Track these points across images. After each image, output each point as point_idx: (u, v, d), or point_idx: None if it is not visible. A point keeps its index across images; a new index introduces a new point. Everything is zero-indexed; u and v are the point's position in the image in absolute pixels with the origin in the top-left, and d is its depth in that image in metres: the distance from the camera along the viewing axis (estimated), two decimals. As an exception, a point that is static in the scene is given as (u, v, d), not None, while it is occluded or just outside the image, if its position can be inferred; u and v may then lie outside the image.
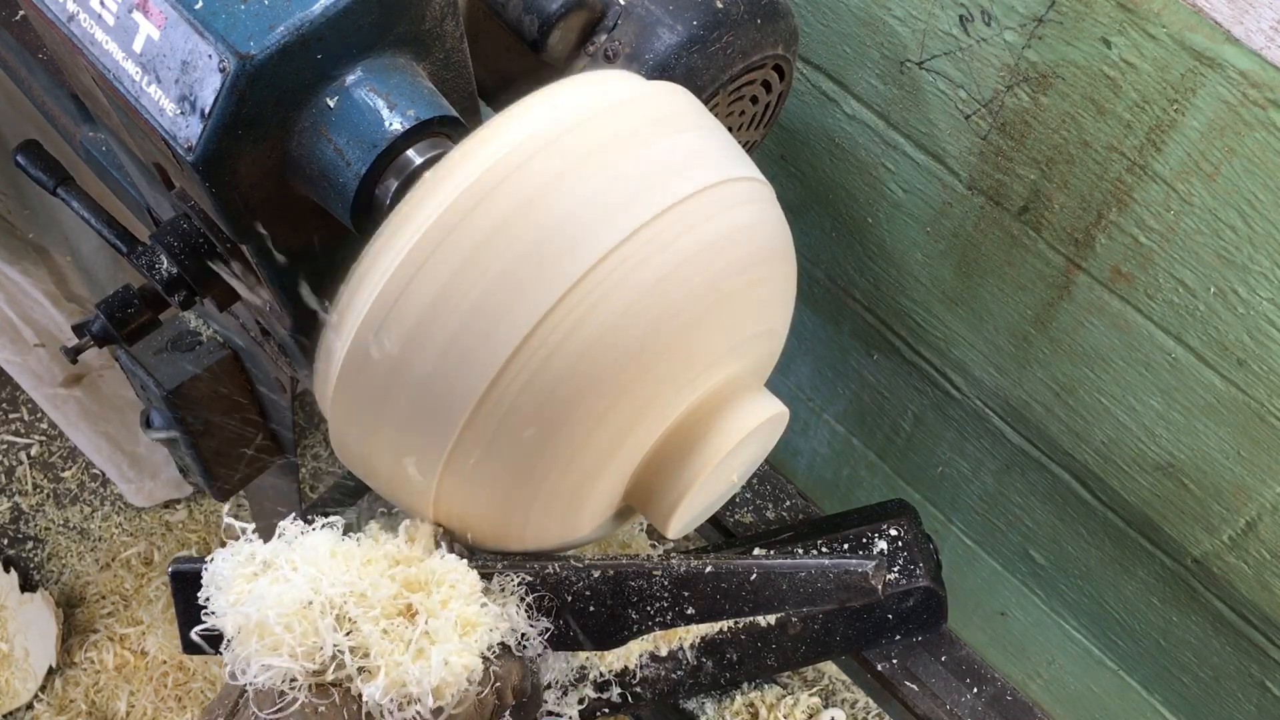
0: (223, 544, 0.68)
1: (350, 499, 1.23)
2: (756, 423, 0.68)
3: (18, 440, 2.13)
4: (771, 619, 0.83)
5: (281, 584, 0.63)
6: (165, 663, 1.94)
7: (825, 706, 0.88)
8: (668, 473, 0.67)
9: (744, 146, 0.85)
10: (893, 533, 0.87)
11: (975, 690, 0.90)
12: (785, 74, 0.82)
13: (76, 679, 1.91)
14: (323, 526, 0.68)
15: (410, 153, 0.59)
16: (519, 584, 0.69)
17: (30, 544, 2.05)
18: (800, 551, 0.88)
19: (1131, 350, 0.87)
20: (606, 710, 0.83)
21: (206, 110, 0.55)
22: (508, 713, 0.68)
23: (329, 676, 0.62)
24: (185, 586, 0.69)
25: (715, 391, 0.67)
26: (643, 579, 0.69)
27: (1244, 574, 0.93)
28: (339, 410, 0.64)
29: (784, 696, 0.87)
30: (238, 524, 0.68)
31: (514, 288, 0.57)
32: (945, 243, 0.95)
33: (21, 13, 1.02)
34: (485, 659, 0.66)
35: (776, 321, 0.71)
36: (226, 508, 0.94)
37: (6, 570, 1.95)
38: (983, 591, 1.30)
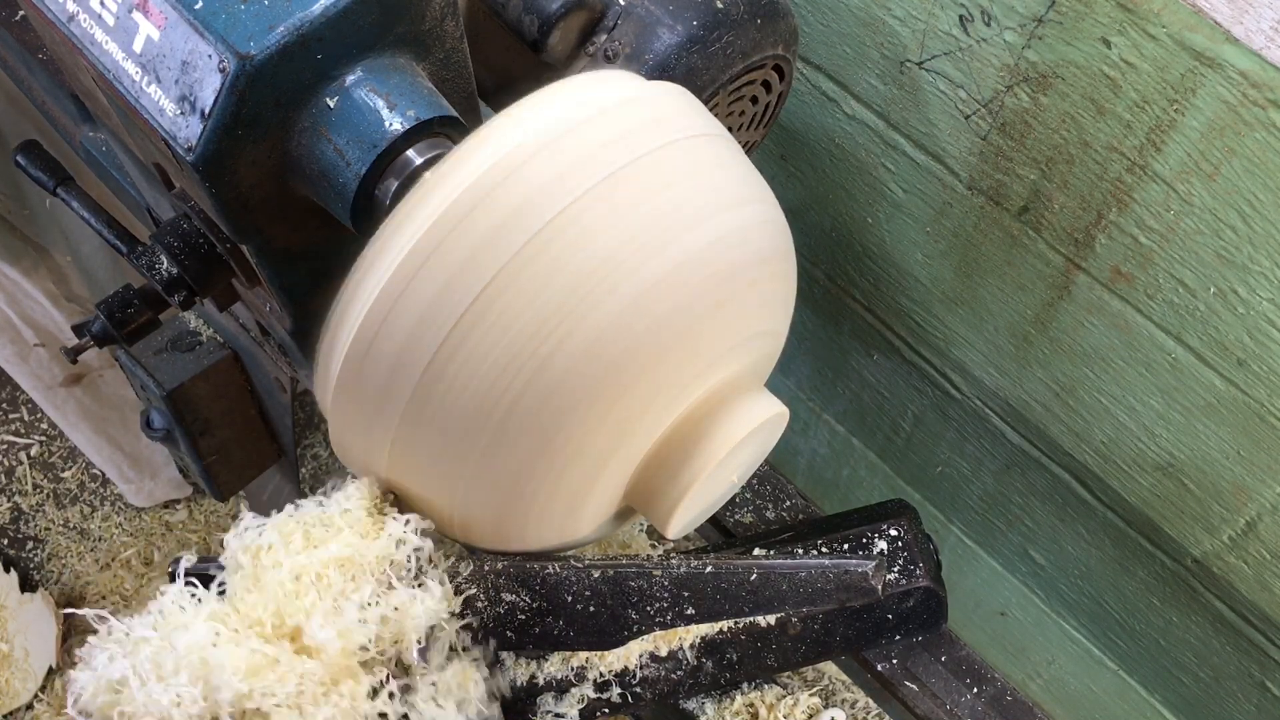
0: (222, 546, 0.68)
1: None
2: (756, 423, 0.68)
3: (18, 440, 2.13)
4: (771, 619, 0.83)
5: None
6: (165, 663, 1.93)
7: (825, 706, 0.88)
8: (668, 473, 0.67)
9: (744, 146, 0.85)
10: (893, 533, 0.87)
11: (975, 690, 0.90)
12: (785, 74, 0.82)
13: (76, 679, 1.91)
14: (194, 599, 0.64)
15: (410, 153, 0.59)
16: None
17: (30, 544, 2.05)
18: (800, 551, 0.88)
19: (1131, 350, 0.87)
20: (606, 710, 0.83)
21: (206, 110, 0.55)
22: None
23: None
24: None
25: (715, 392, 0.67)
26: (643, 579, 0.69)
27: (1244, 574, 0.93)
28: (339, 410, 0.64)
29: (784, 696, 0.87)
30: (108, 617, 0.64)
31: (513, 287, 0.57)
32: (945, 243, 0.95)
33: (21, 13, 1.02)
34: None
35: (776, 321, 0.71)
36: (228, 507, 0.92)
37: (6, 570, 1.95)
38: (983, 591, 1.30)
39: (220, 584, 0.66)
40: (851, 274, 1.09)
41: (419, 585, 0.67)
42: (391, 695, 0.65)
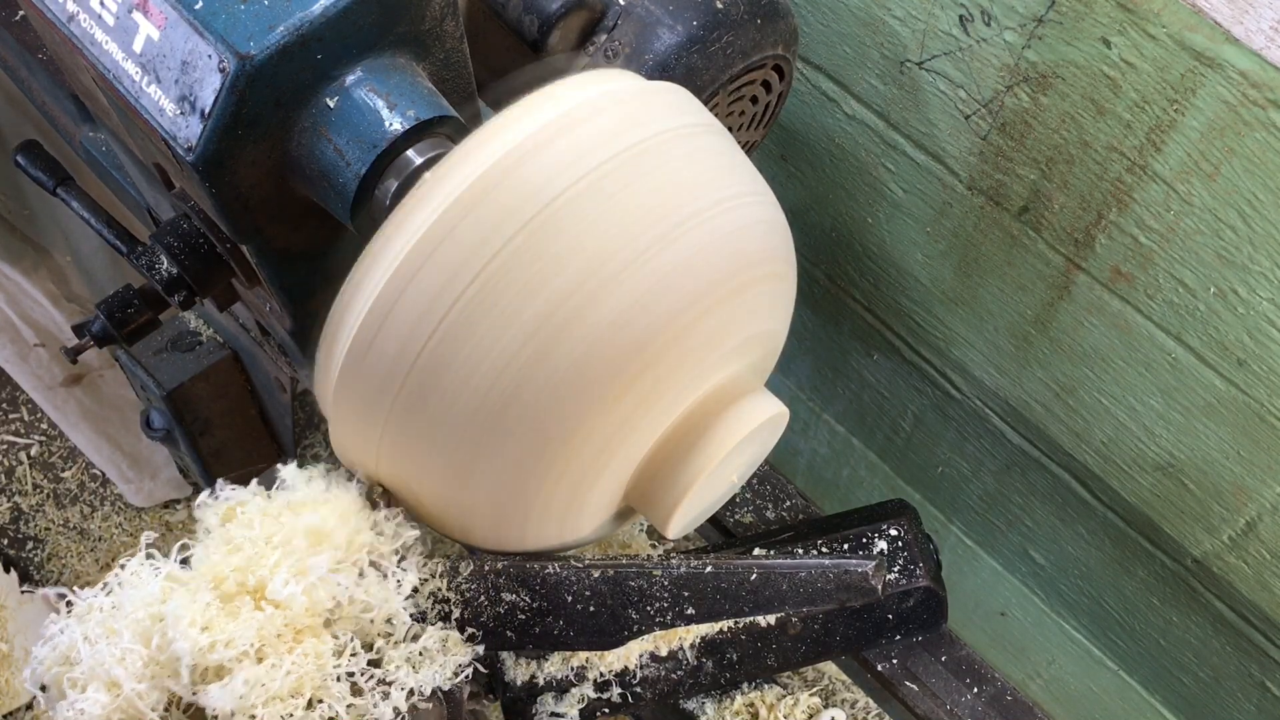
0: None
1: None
2: (756, 423, 0.68)
3: (18, 440, 2.13)
4: (771, 619, 0.83)
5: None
6: (165, 663, 1.93)
7: (825, 706, 0.88)
8: (668, 473, 0.67)
9: (744, 146, 0.85)
10: (893, 533, 0.87)
11: (975, 690, 0.90)
12: (785, 74, 0.82)
13: (76, 679, 1.91)
14: (154, 570, 0.63)
15: (410, 153, 0.59)
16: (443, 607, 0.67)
17: (30, 544, 2.05)
18: (800, 551, 0.88)
19: (1131, 350, 0.87)
20: (606, 710, 0.82)
21: (206, 110, 0.55)
22: None
23: None
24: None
25: (715, 391, 0.67)
26: (643, 579, 0.69)
27: (1244, 574, 0.93)
28: (339, 410, 0.64)
29: (784, 696, 0.87)
30: (67, 593, 0.63)
31: (512, 287, 0.57)
32: (945, 243, 0.95)
33: (21, 13, 1.02)
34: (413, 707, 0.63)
35: (776, 321, 0.71)
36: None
37: (6, 570, 1.95)
38: (983, 591, 1.30)
39: (182, 555, 0.65)
40: (851, 274, 1.09)
41: (394, 575, 0.66)
42: (354, 654, 0.63)
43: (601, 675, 0.81)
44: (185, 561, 0.65)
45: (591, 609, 0.69)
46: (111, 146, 0.98)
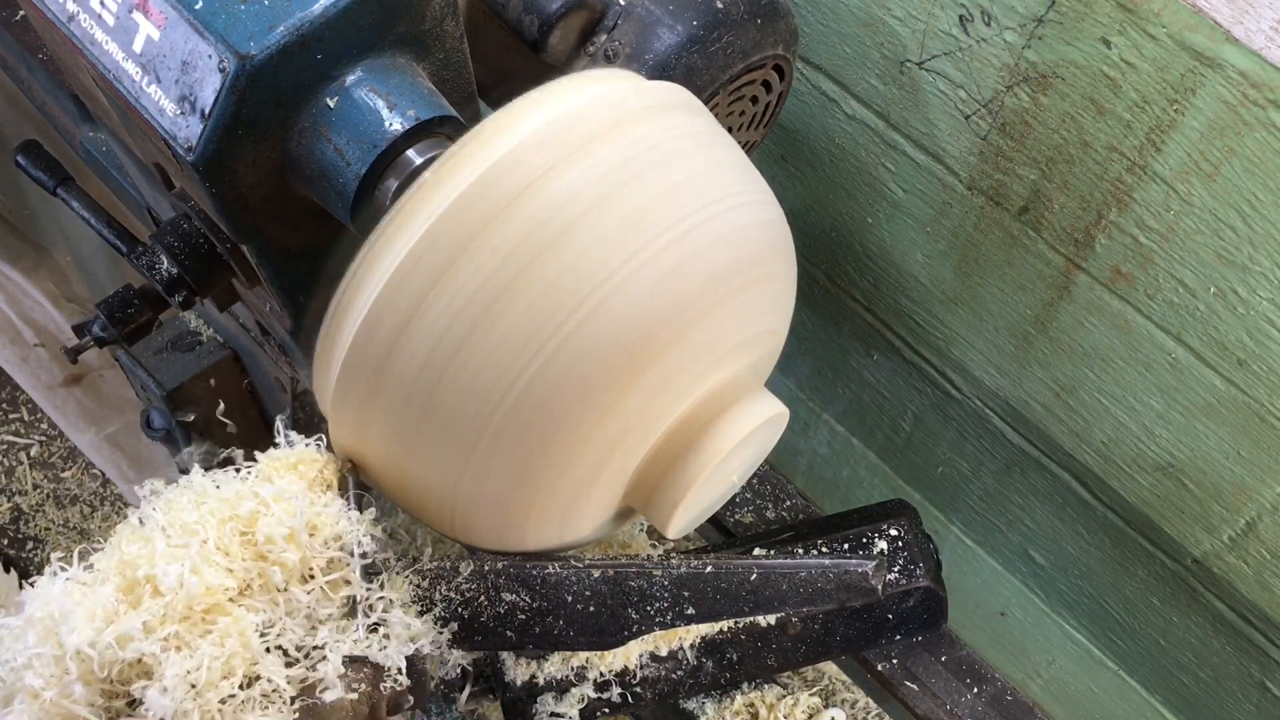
0: None
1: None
2: (756, 423, 0.68)
3: (18, 440, 2.13)
4: (771, 619, 0.83)
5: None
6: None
7: (825, 706, 0.88)
8: (668, 473, 0.67)
9: (744, 146, 0.85)
10: (893, 533, 0.87)
11: (975, 690, 0.90)
12: (785, 74, 0.82)
13: (76, 679, 1.90)
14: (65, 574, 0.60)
15: (410, 153, 0.59)
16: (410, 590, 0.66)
17: (30, 544, 2.05)
18: (800, 551, 0.88)
19: (1131, 350, 0.87)
20: (606, 710, 0.83)
21: (206, 110, 0.55)
22: None
23: None
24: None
25: (715, 392, 0.67)
26: (643, 579, 0.69)
27: (1244, 574, 0.93)
28: (338, 410, 0.64)
29: (784, 696, 0.87)
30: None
31: (513, 287, 0.57)
32: (945, 243, 0.95)
33: (21, 13, 1.02)
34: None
35: (776, 321, 0.71)
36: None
37: (6, 570, 1.95)
38: (983, 591, 1.30)
39: (85, 562, 0.63)
40: (851, 274, 1.09)
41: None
42: (282, 632, 0.61)
43: (601, 675, 0.81)
44: (90, 567, 0.63)
45: (591, 609, 0.69)
46: (111, 146, 0.98)
